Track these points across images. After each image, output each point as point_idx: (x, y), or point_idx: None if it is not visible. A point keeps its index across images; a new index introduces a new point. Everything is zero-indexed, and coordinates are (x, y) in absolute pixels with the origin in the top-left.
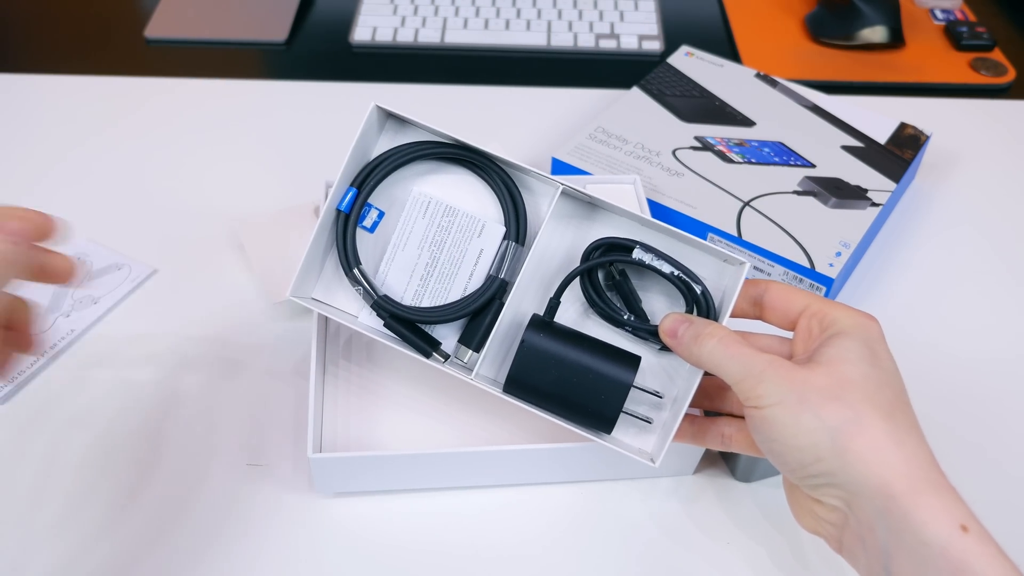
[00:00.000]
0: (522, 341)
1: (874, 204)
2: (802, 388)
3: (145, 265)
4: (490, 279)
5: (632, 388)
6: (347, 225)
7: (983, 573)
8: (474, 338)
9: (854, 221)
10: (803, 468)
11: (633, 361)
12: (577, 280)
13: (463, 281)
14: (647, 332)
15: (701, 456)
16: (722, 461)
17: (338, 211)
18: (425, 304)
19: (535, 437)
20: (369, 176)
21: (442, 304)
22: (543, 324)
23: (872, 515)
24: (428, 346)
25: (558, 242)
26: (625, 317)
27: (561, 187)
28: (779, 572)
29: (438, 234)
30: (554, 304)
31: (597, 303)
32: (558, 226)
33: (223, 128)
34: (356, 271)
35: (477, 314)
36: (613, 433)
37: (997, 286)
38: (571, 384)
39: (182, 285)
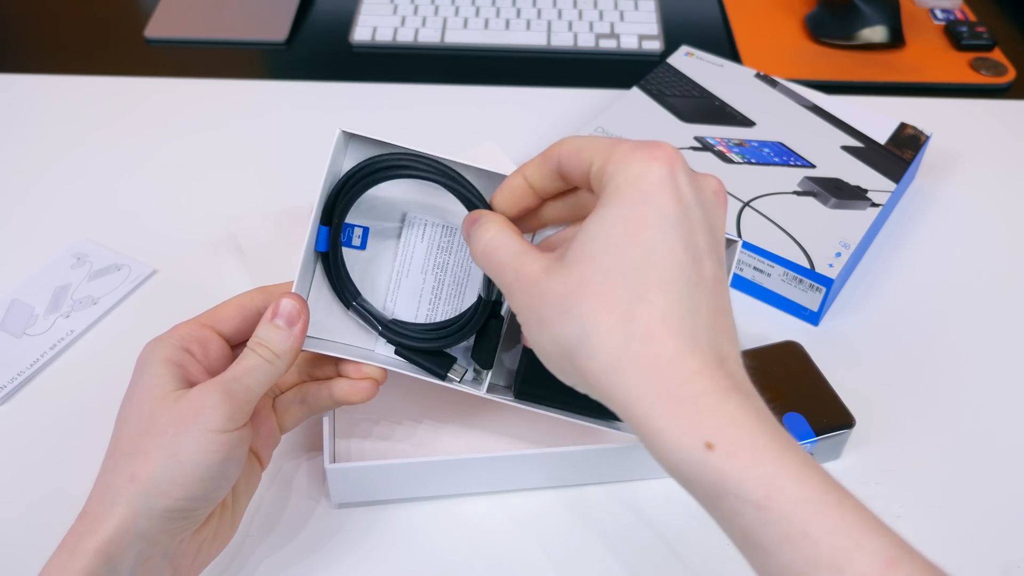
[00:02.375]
0: (526, 348)
1: (874, 204)
2: (540, 305)
3: (145, 265)
4: (478, 301)
5: None
6: (329, 261)
7: (738, 490)
8: (482, 355)
9: (854, 221)
10: (575, 391)
11: None
12: None
13: (472, 298)
14: None
15: None
16: None
17: (316, 252)
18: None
19: (548, 438)
20: (335, 205)
21: (444, 322)
22: None
23: (639, 441)
24: (442, 368)
25: None
26: None
27: None
28: None
29: (440, 255)
30: None
31: None
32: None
33: (223, 128)
34: (356, 304)
35: (482, 332)
36: None
37: (998, 286)
38: None
39: (182, 286)
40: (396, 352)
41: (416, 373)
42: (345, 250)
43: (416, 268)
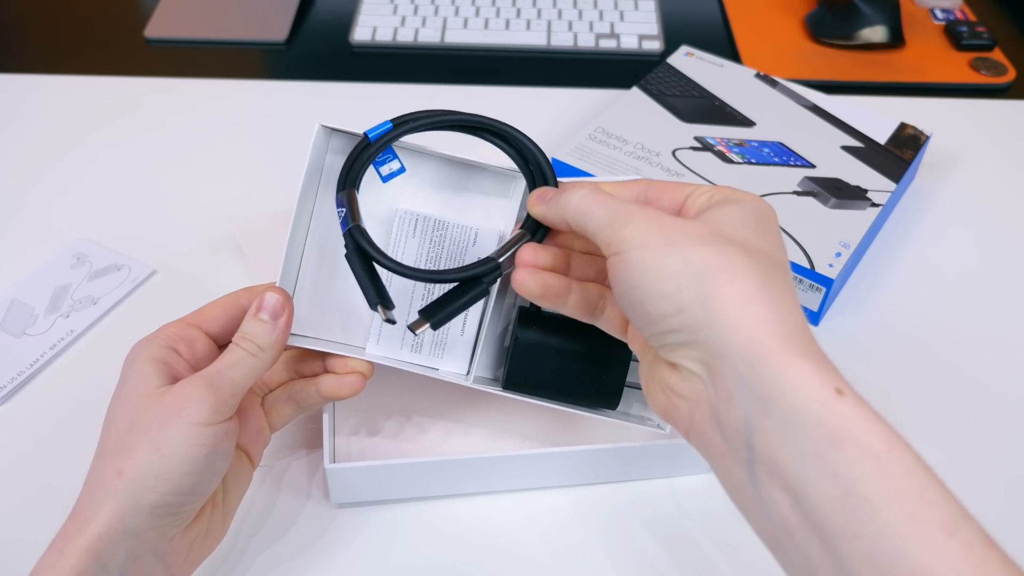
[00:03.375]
0: (515, 337)
1: (874, 204)
2: (672, 231)
3: (144, 266)
4: (487, 260)
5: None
6: (362, 151)
7: (862, 439)
8: (437, 313)
9: (854, 221)
10: (664, 320)
11: None
12: None
13: None
14: None
15: None
16: None
17: (364, 135)
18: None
19: (542, 433)
20: (410, 121)
21: (421, 267)
22: (533, 316)
23: (733, 381)
24: (376, 298)
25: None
26: None
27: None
28: (778, 573)
29: (432, 250)
30: None
31: None
32: None
33: (223, 128)
34: (344, 193)
35: (459, 289)
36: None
37: (998, 286)
38: (571, 370)
39: (181, 286)
40: (346, 256)
41: (395, 367)
42: (367, 176)
43: (408, 263)
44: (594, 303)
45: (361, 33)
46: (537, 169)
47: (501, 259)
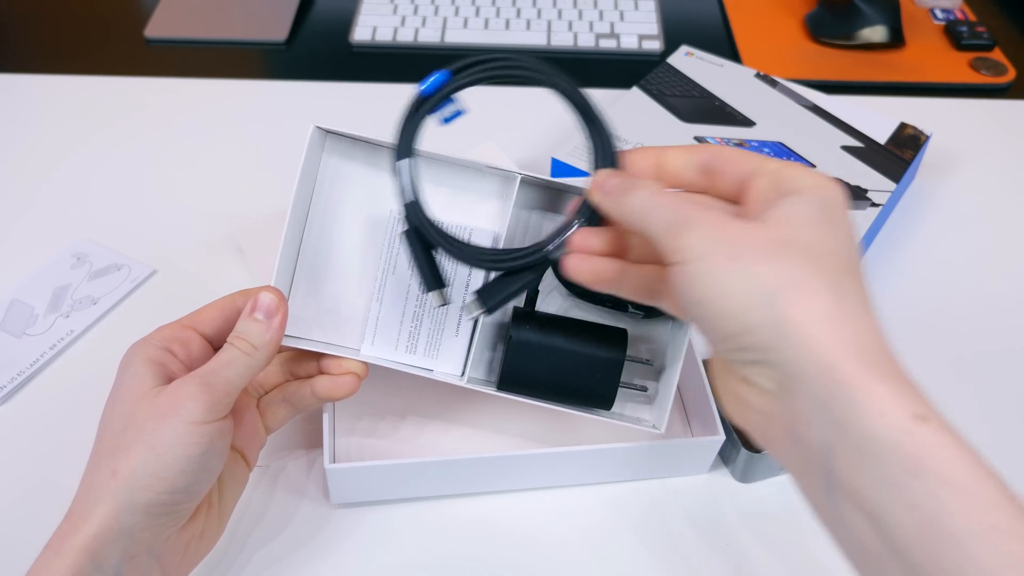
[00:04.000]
0: (509, 338)
1: (874, 204)
2: (735, 242)
3: (144, 266)
4: (537, 248)
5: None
6: (419, 110)
7: (942, 469)
8: (492, 298)
9: (854, 221)
10: (731, 339)
11: (621, 336)
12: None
13: (474, 286)
14: (627, 304)
15: (715, 456)
16: (722, 463)
17: (418, 94)
18: (422, 340)
19: (542, 433)
20: (470, 67)
21: (478, 246)
22: (527, 316)
23: (810, 405)
24: (434, 282)
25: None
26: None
27: (520, 176)
28: (778, 574)
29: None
30: (534, 295)
31: (572, 285)
32: (530, 216)
33: (223, 128)
34: (405, 162)
35: (510, 274)
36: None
37: (998, 285)
38: (565, 370)
39: (181, 286)
40: (405, 232)
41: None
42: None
43: (403, 264)
44: (653, 287)
45: (361, 33)
46: (599, 141)
47: (551, 247)
